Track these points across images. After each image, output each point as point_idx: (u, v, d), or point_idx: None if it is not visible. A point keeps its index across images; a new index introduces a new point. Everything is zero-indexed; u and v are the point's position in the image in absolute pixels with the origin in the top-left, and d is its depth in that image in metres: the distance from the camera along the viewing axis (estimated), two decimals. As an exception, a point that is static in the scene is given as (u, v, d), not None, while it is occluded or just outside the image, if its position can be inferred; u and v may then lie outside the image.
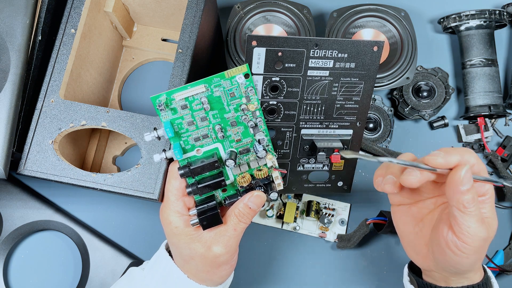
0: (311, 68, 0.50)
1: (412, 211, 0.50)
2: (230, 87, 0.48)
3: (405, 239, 0.51)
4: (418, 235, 0.49)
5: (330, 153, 0.53)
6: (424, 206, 0.50)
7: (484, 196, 0.46)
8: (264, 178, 0.50)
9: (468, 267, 0.46)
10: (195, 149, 0.49)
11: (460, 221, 0.43)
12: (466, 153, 0.44)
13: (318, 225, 0.65)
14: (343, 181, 0.57)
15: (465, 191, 0.42)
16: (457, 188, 0.42)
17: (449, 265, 0.46)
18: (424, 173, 0.44)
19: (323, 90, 0.51)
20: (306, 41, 0.48)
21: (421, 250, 0.49)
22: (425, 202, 0.50)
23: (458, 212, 0.43)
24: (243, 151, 0.50)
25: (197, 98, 0.47)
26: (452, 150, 0.44)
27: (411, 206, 0.50)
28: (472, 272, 0.48)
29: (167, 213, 0.49)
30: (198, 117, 0.48)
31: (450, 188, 0.43)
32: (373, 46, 0.50)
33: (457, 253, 0.44)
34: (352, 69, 0.50)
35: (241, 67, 0.47)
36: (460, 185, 0.42)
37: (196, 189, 0.48)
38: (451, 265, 0.46)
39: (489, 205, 0.46)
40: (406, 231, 0.51)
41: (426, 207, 0.49)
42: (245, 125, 0.49)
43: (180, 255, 0.50)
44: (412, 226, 0.50)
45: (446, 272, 0.48)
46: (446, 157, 0.43)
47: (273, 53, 0.48)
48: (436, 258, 0.47)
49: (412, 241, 0.50)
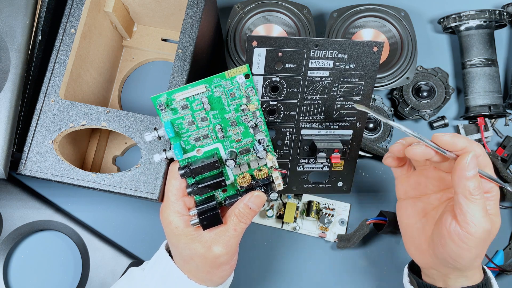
0: (311, 69, 0.50)
1: (417, 205, 0.51)
2: (230, 87, 0.48)
3: (407, 234, 0.52)
4: (420, 230, 0.50)
5: (330, 153, 0.53)
6: (429, 202, 0.50)
7: (489, 193, 0.46)
8: (264, 178, 0.50)
9: (468, 262, 0.46)
10: (195, 149, 0.49)
11: (465, 209, 0.43)
12: (473, 143, 0.45)
13: (318, 225, 0.65)
14: (343, 181, 0.57)
15: (470, 177, 0.43)
16: (463, 173, 0.43)
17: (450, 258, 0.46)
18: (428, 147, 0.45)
19: (323, 90, 0.51)
20: (306, 41, 0.48)
21: (421, 245, 0.50)
22: (430, 197, 0.50)
23: (464, 200, 0.43)
24: (243, 151, 0.50)
25: (198, 98, 0.47)
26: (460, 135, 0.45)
27: (416, 201, 0.51)
28: (472, 271, 0.48)
29: (167, 213, 0.49)
30: (198, 117, 0.48)
31: (456, 173, 0.44)
32: (373, 47, 0.50)
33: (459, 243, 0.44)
34: (352, 70, 0.51)
35: (242, 68, 0.47)
36: (466, 170, 0.43)
37: (197, 189, 0.48)
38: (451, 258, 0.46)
39: (493, 202, 0.47)
40: (409, 225, 0.51)
41: (430, 203, 0.50)
42: (246, 125, 0.49)
43: (180, 255, 0.50)
44: (415, 220, 0.51)
45: (445, 268, 0.48)
46: (454, 138, 0.44)
47: (274, 54, 0.48)
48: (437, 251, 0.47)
49: (413, 236, 0.51)
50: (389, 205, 0.67)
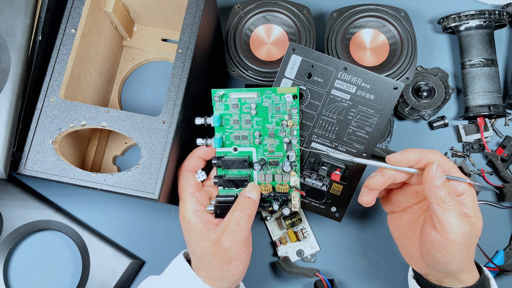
0: (336, 88, 0.54)
1: (403, 218, 0.53)
2: (278, 101, 0.53)
3: (400, 245, 0.54)
4: (410, 240, 0.51)
5: (332, 170, 0.55)
6: (413, 212, 0.52)
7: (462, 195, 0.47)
8: (283, 193, 0.54)
9: (457, 266, 0.46)
10: (232, 146, 0.54)
11: (441, 217, 0.44)
12: (428, 152, 0.47)
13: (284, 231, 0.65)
14: (337, 207, 0.58)
15: (440, 186, 0.45)
16: (432, 183, 0.45)
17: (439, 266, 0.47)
18: (385, 175, 0.48)
19: (341, 111, 0.54)
20: (338, 62, 0.53)
21: (414, 254, 0.51)
22: (413, 208, 0.52)
23: (438, 208, 0.45)
24: (273, 162, 0.54)
25: (248, 102, 0.53)
26: (411, 149, 0.48)
27: (402, 213, 0.53)
28: (464, 273, 0.48)
29: (181, 210, 0.52)
30: (244, 118, 0.53)
31: (426, 185, 0.45)
32: (393, 86, 0.53)
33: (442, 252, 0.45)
34: (371, 101, 0.54)
35: (293, 88, 0.53)
36: (433, 180, 0.45)
37: (222, 181, 0.54)
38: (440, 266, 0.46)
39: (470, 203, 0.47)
40: (400, 237, 0.53)
41: (414, 213, 0.52)
42: (281, 139, 0.54)
43: (194, 253, 0.52)
44: (404, 232, 0.52)
45: (438, 274, 0.49)
46: (404, 154, 0.47)
47: (307, 64, 0.53)
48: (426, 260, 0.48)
49: (406, 246, 0.52)
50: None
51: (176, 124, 0.52)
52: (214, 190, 0.56)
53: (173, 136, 0.51)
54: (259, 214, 0.66)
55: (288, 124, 0.53)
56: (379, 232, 0.66)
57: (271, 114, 0.53)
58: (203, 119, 0.53)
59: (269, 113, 0.53)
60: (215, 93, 0.53)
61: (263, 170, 0.54)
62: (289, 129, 0.53)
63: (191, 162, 0.54)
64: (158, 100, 0.69)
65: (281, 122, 0.53)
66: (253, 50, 0.63)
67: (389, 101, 0.54)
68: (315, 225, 0.66)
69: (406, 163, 0.47)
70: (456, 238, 0.44)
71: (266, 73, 0.61)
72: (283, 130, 0.53)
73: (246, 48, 0.63)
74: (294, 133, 0.53)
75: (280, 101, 0.53)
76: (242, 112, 0.53)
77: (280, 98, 0.53)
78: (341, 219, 0.58)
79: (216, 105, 0.53)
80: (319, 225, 0.66)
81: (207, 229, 0.50)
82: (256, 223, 0.66)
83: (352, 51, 0.63)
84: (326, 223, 0.66)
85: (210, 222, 0.52)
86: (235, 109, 0.53)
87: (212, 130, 0.54)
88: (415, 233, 0.51)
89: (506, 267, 0.63)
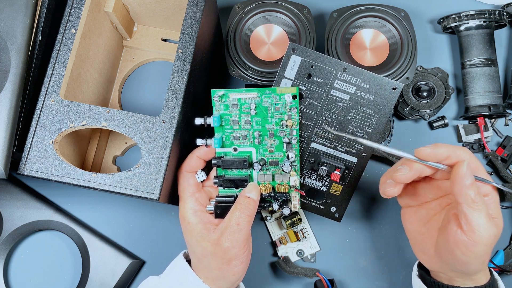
0: (335, 89, 0.54)
1: (419, 212, 0.51)
2: (277, 102, 0.53)
3: (413, 240, 0.52)
4: (425, 235, 0.50)
5: (332, 170, 0.55)
6: (431, 208, 0.51)
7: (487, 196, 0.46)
8: (283, 193, 0.54)
9: (477, 267, 0.46)
10: (232, 146, 0.54)
11: (470, 218, 0.43)
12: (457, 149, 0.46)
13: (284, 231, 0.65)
14: (337, 208, 0.58)
15: (470, 185, 0.43)
16: (462, 182, 0.43)
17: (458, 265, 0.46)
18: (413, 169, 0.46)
19: (340, 112, 0.54)
20: (337, 63, 0.53)
21: (428, 250, 0.50)
22: (431, 204, 0.51)
23: (468, 208, 0.43)
24: (272, 162, 0.54)
25: (248, 103, 0.53)
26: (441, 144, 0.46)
27: (418, 208, 0.52)
28: (479, 274, 0.48)
29: (181, 210, 0.52)
30: (243, 119, 0.53)
31: (456, 184, 0.44)
32: (392, 86, 0.53)
33: (465, 252, 0.44)
34: (370, 101, 0.54)
35: (292, 88, 0.53)
36: (464, 179, 0.43)
37: (221, 181, 0.54)
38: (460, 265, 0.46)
39: (494, 205, 0.46)
40: (414, 232, 0.52)
41: (432, 209, 0.50)
42: (281, 139, 0.54)
43: (194, 253, 0.52)
44: (419, 227, 0.51)
45: (452, 273, 0.48)
46: (434, 149, 0.45)
47: (307, 64, 0.54)
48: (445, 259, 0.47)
49: (419, 241, 0.51)
50: (387, 206, 0.67)
51: (176, 124, 0.52)
52: (214, 190, 0.56)
53: (173, 136, 0.51)
54: (259, 214, 0.66)
55: (287, 124, 0.53)
56: (379, 232, 0.66)
57: (271, 114, 0.53)
58: (203, 119, 0.53)
59: (268, 113, 0.53)
60: (214, 93, 0.53)
61: (263, 170, 0.54)
62: (288, 129, 0.53)
63: (191, 163, 0.54)
64: (158, 100, 0.69)
65: (281, 122, 0.53)
66: (253, 50, 0.63)
67: (389, 102, 0.54)
68: (315, 225, 0.66)
69: (435, 158, 0.45)
70: (483, 240, 0.43)
71: (266, 73, 0.61)
72: (282, 130, 0.53)
73: (246, 48, 0.63)
74: (293, 133, 0.54)
75: (280, 101, 0.53)
76: (241, 112, 0.53)
77: (280, 98, 0.53)
78: (341, 219, 0.58)
79: (216, 105, 0.53)
80: (319, 225, 0.66)
81: (207, 230, 0.51)
82: (256, 223, 0.66)
83: (352, 51, 0.63)
84: (326, 223, 0.66)
85: (210, 223, 0.52)
86: (235, 109, 0.53)
87: (212, 130, 0.54)
88: (430, 230, 0.49)
89: (506, 267, 0.63)
